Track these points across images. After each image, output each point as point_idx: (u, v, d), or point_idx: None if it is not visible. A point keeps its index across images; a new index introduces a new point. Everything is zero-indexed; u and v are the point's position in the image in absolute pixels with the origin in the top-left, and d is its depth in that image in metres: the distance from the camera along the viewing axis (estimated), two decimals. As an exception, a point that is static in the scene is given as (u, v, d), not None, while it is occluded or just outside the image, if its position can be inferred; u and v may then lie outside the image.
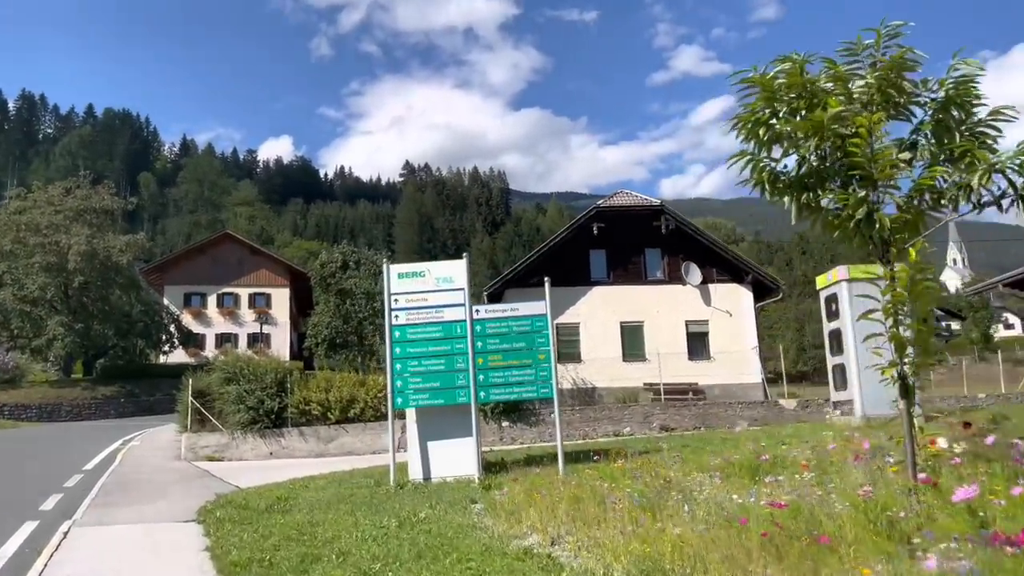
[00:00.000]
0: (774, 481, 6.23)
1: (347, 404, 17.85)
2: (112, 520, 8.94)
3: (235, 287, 56.98)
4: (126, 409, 38.85)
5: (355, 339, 33.16)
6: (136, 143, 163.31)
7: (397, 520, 7.48)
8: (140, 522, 8.81)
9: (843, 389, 14.82)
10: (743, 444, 10.93)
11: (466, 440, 10.34)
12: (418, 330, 10.46)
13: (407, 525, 7.29)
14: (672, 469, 7.75)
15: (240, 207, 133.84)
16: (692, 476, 7.29)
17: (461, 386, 10.27)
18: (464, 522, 7.23)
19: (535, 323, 10.55)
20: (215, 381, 18.43)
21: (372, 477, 11.18)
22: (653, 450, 11.37)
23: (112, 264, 40.92)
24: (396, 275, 10.65)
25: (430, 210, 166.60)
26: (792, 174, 5.76)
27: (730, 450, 9.85)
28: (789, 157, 5.82)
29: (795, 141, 5.49)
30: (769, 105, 5.52)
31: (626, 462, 8.21)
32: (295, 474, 13.01)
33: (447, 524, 7.15)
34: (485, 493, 8.93)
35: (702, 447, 10.85)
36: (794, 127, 5.39)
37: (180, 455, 17.54)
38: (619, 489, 6.88)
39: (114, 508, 10.09)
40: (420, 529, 7.05)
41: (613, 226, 28.38)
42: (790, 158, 5.84)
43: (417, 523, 7.33)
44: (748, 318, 29.04)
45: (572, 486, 7.31)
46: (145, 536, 7.97)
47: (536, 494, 7.39)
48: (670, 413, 19.50)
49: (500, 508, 7.30)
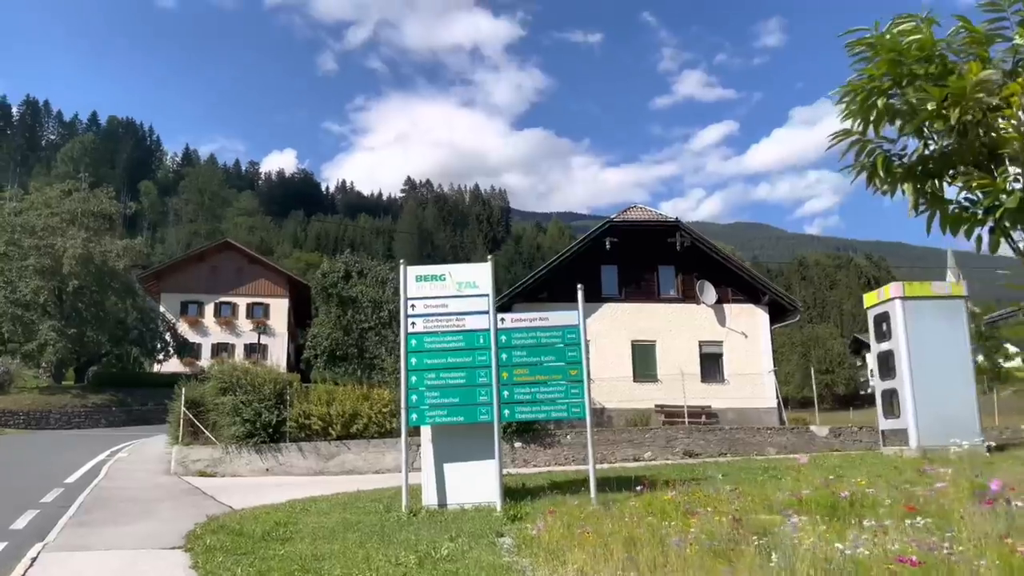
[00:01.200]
0: (877, 526, 5.21)
1: (350, 419, 16.77)
2: (88, 545, 7.89)
3: (233, 296, 55.91)
4: (117, 418, 37.70)
5: (355, 351, 32.05)
6: (139, 152, 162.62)
7: (416, 556, 6.44)
8: (120, 548, 7.76)
9: (893, 416, 13.73)
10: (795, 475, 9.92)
11: (487, 463, 9.30)
12: (436, 339, 9.46)
13: (428, 563, 6.25)
14: (733, 504, 6.73)
15: (240, 218, 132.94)
16: (759, 514, 6.26)
17: (483, 403, 9.25)
18: (494, 562, 6.20)
19: (567, 335, 9.55)
20: (210, 391, 17.37)
21: (380, 501, 10.12)
22: (691, 479, 10.35)
23: (108, 269, 39.90)
24: (414, 278, 9.66)
25: (431, 225, 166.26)
26: (909, 157, 4.82)
27: (784, 481, 8.84)
28: (901, 137, 4.90)
29: (922, 115, 4.53)
30: (892, 71, 4.56)
31: (675, 493, 7.18)
32: (294, 494, 11.95)
33: (475, 564, 6.11)
34: (511, 525, 7.90)
35: (747, 477, 9.83)
36: (927, 97, 4.41)
37: (170, 469, 16.45)
38: (680, 529, 5.85)
39: (92, 529, 9.03)
40: (444, 570, 6.01)
41: (626, 241, 27.44)
42: (902, 139, 4.91)
43: (439, 561, 6.30)
44: (764, 340, 28.06)
45: (623, 522, 6.28)
46: (124, 566, 6.92)
47: (576, 529, 6.37)
48: (694, 438, 18.40)
49: (537, 546, 6.26)
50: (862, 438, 18.73)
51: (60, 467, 16.64)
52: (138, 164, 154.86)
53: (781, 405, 26.00)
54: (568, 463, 16.77)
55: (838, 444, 18.42)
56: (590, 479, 8.94)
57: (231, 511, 10.36)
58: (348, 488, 12.55)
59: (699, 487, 7.70)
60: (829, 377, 58.53)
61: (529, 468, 15.72)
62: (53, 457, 19.96)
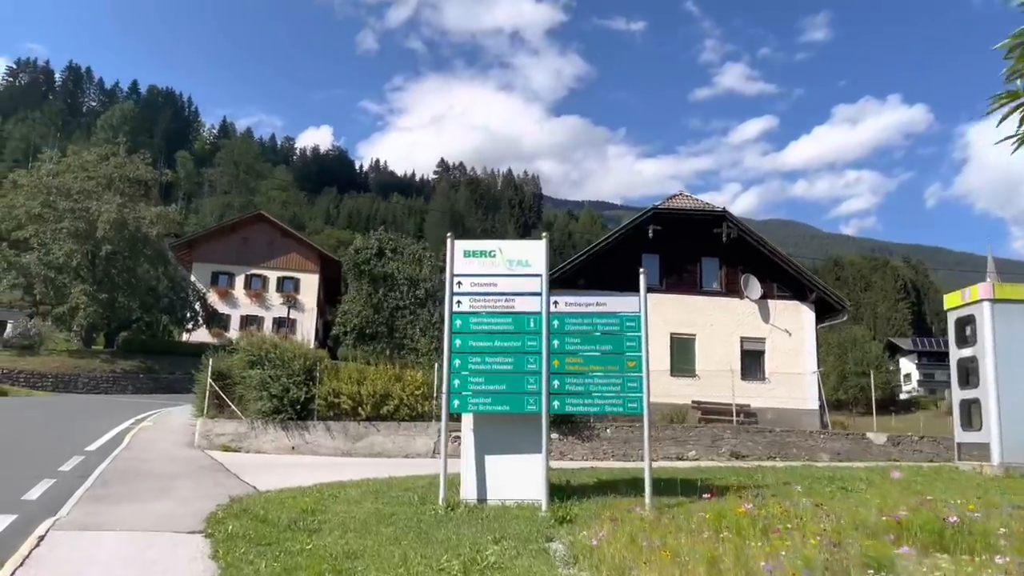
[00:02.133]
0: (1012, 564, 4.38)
1: (380, 400, 16.14)
2: (101, 523, 7.29)
3: (264, 269, 55.67)
4: (144, 385, 37.62)
5: (385, 330, 31.49)
6: (177, 122, 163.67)
7: (459, 561, 5.71)
8: (135, 529, 7.14)
9: (972, 429, 12.73)
10: (867, 487, 9.08)
11: (533, 457, 8.55)
12: (484, 320, 8.70)
13: (474, 571, 5.52)
14: (819, 523, 5.91)
15: (274, 192, 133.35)
16: (855, 537, 5.44)
17: (531, 391, 8.48)
18: (550, 575, 5.46)
19: (625, 323, 8.75)
20: (237, 364, 16.83)
21: (414, 490, 9.43)
22: (753, 485, 9.53)
23: (141, 235, 39.72)
24: (461, 253, 8.90)
25: (463, 208, 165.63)
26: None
27: (860, 495, 8.01)
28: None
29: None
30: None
31: (750, 506, 6.37)
32: (321, 477, 11.32)
33: (528, 575, 5.38)
34: (560, 528, 7.16)
35: (814, 488, 8.99)
36: None
37: (193, 442, 15.96)
38: (767, 552, 5.06)
39: (108, 505, 8.46)
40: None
41: (670, 230, 26.49)
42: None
43: (487, 570, 5.57)
44: (808, 339, 27.03)
45: (698, 539, 5.49)
46: (138, 551, 6.28)
47: (642, 542, 5.61)
48: (742, 439, 17.53)
49: (598, 560, 5.51)
50: (923, 448, 17.73)
51: (82, 433, 16.24)
52: (176, 134, 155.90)
53: (824, 407, 24.96)
54: (607, 458, 16.04)
55: (897, 454, 17.44)
56: (646, 481, 8.17)
57: (255, 492, 9.75)
58: (378, 473, 11.89)
59: (772, 498, 6.90)
60: (865, 380, 57.00)
61: (566, 462, 14.97)
62: (78, 422, 19.62)
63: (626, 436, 16.82)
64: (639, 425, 17.40)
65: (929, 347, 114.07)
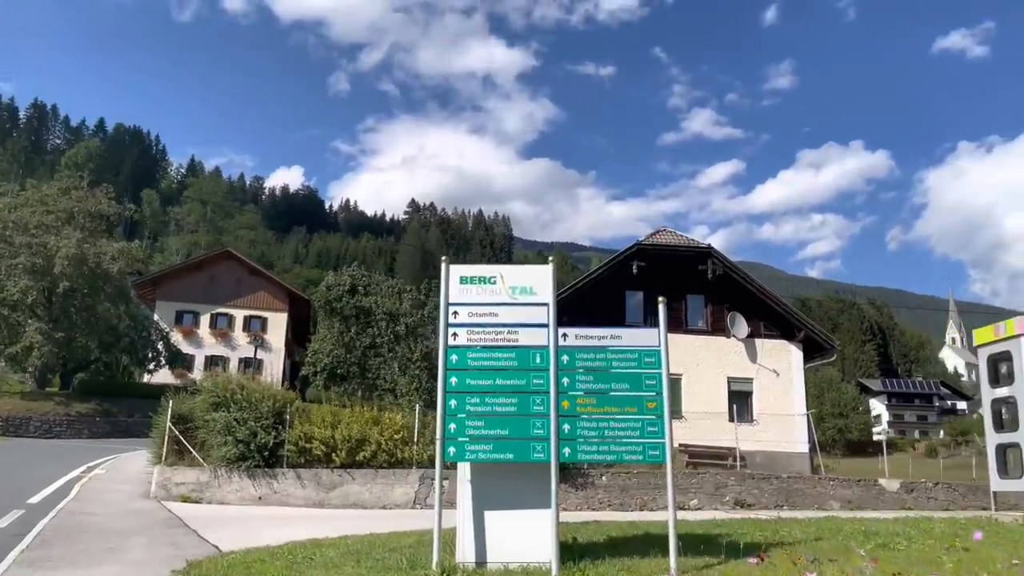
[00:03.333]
0: None
1: (356, 445, 14.89)
2: (29, 600, 6.06)
3: (231, 308, 53.96)
4: (101, 429, 35.65)
5: (357, 370, 30.16)
6: (143, 160, 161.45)
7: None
8: (69, 607, 5.93)
9: (1010, 477, 11.82)
10: (906, 544, 8.10)
11: (540, 513, 7.45)
12: (483, 356, 7.65)
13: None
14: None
15: (242, 231, 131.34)
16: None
17: (538, 436, 7.42)
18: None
19: (643, 358, 7.75)
20: (200, 405, 15.51)
21: (401, 552, 8.26)
22: (780, 542, 8.51)
23: (102, 272, 37.98)
24: (457, 279, 7.87)
25: (433, 247, 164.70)
26: None
27: (906, 551, 7.03)
28: None
29: None
30: None
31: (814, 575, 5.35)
32: (292, 533, 10.08)
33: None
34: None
35: (850, 544, 7.98)
36: None
37: (150, 492, 14.56)
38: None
39: (44, 571, 7.21)
40: None
41: (654, 266, 25.72)
42: None
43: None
44: (797, 379, 26.27)
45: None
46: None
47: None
48: (747, 486, 16.50)
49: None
50: (937, 496, 16.83)
51: (28, 482, 14.79)
52: (142, 173, 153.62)
53: (816, 450, 24.08)
54: (603, 507, 14.91)
55: (911, 502, 16.51)
56: (670, 542, 7.09)
57: (217, 554, 8.50)
58: (355, 528, 10.67)
59: (830, 563, 5.88)
60: (843, 422, 56.51)
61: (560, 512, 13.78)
62: (24, 470, 18.06)
63: (623, 484, 15.71)
64: (637, 472, 16.40)
65: (897, 388, 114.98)
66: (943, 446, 54.21)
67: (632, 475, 15.65)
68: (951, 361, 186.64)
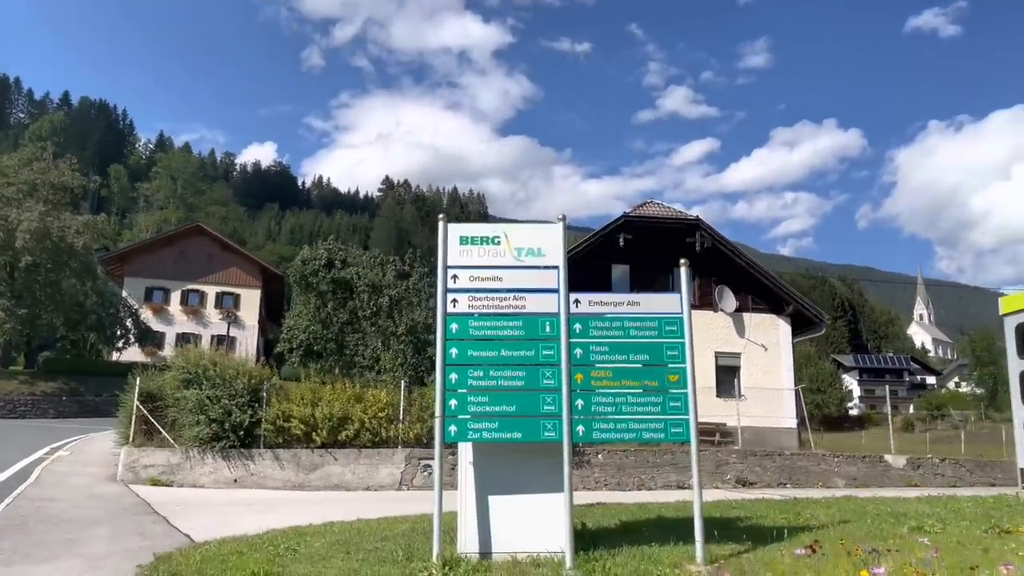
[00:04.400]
0: None
1: (338, 424, 14.07)
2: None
3: (202, 284, 52.60)
4: (67, 409, 34.46)
5: (334, 347, 29.23)
6: (110, 135, 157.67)
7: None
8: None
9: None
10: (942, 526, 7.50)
11: (551, 498, 6.71)
12: (486, 324, 6.86)
13: None
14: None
15: (213, 207, 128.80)
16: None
17: (549, 413, 6.66)
18: None
19: (664, 326, 7.02)
20: (170, 383, 14.58)
21: (394, 541, 7.49)
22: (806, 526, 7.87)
23: (66, 246, 36.57)
24: (457, 239, 7.05)
25: (408, 225, 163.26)
26: None
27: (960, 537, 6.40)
28: None
29: None
30: None
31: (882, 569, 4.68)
32: (272, 519, 9.28)
33: None
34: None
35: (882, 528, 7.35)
36: None
37: (116, 475, 13.66)
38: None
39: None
40: None
41: (641, 239, 25.06)
42: None
43: None
44: (785, 354, 25.87)
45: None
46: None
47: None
48: (748, 463, 15.93)
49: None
50: (944, 472, 16.40)
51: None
52: (109, 148, 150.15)
53: (807, 425, 23.66)
54: (599, 487, 14.26)
55: (918, 478, 16.06)
56: (696, 528, 6.40)
57: (189, 545, 7.69)
58: (341, 513, 9.89)
59: (889, 553, 5.21)
60: (820, 397, 56.58)
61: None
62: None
63: (620, 463, 15.06)
64: (634, 449, 15.76)
65: (869, 363, 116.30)
66: (919, 420, 54.43)
67: (630, 453, 15.01)
68: (919, 337, 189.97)
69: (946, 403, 62.80)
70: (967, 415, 52.63)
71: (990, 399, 61.60)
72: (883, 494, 11.73)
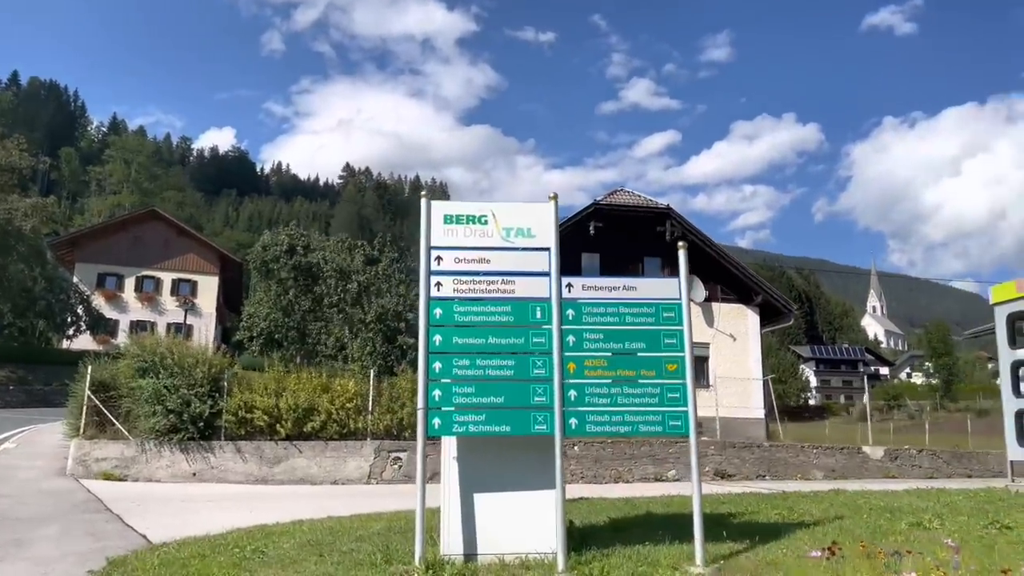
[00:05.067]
0: None
1: (304, 415, 13.48)
2: None
3: (158, 271, 51.11)
4: (15, 398, 33.18)
5: (296, 335, 28.49)
6: (61, 116, 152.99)
7: None
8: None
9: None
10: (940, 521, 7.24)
11: (541, 496, 6.29)
12: (473, 309, 6.39)
13: None
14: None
15: (169, 192, 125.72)
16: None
17: (540, 406, 6.22)
18: None
19: (662, 312, 6.62)
20: (125, 371, 13.86)
21: (370, 541, 7.01)
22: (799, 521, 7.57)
23: (13, 229, 35.16)
24: (441, 218, 6.55)
25: (370, 213, 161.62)
26: None
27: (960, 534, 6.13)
28: None
29: None
30: None
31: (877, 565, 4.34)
32: (235, 517, 8.71)
33: None
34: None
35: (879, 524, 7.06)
36: None
37: (66, 469, 12.91)
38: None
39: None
40: None
41: (611, 227, 24.78)
42: None
43: None
44: (753, 344, 25.86)
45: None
46: None
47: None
48: (727, 455, 15.68)
49: None
50: (922, 463, 16.34)
51: (-78, 460, 13.01)
52: (60, 130, 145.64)
53: (776, 415, 23.62)
54: (576, 480, 13.87)
55: (895, 469, 15.97)
56: (695, 527, 6.02)
57: (145, 547, 7.10)
58: (308, 508, 9.35)
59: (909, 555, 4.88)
60: (782, 387, 57.09)
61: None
62: (-80, 445, 16.13)
63: (597, 455, 14.71)
64: (612, 441, 15.39)
65: (825, 354, 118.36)
66: (876, 410, 55.25)
67: (607, 444, 14.66)
68: (872, 328, 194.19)
69: (902, 393, 63.89)
70: (923, 405, 53.53)
71: (945, 389, 62.82)
72: (867, 487, 11.53)
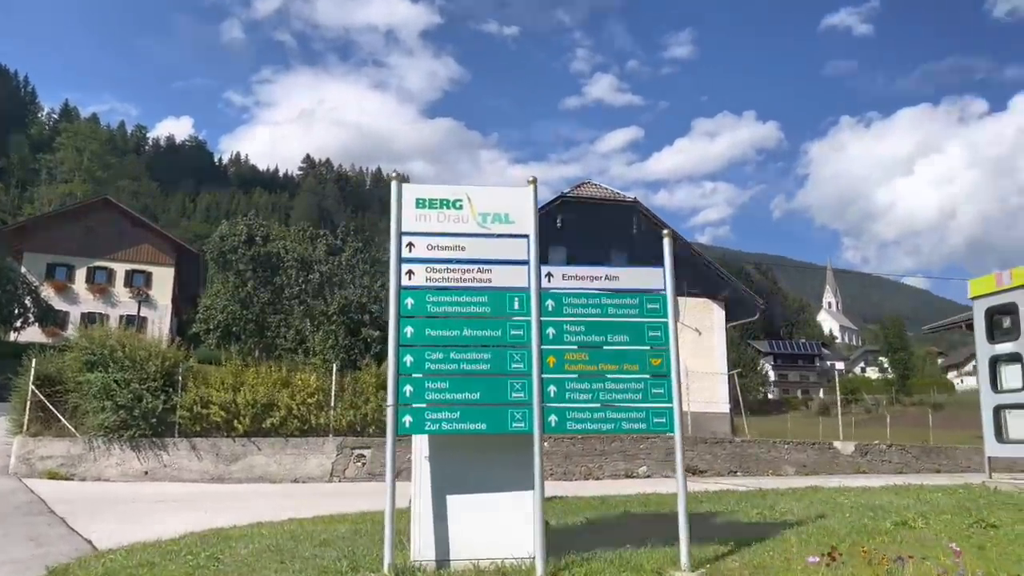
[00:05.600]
0: None
1: (263, 410, 12.98)
2: None
3: (110, 261, 49.58)
4: (-43, 393, 31.85)
5: (254, 327, 27.76)
6: (10, 103, 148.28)
7: None
8: None
9: (1009, 441, 11.01)
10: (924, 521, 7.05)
11: (518, 497, 5.92)
12: (446, 300, 6.00)
13: None
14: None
15: (124, 182, 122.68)
16: None
17: (517, 402, 5.85)
18: None
19: (646, 304, 6.30)
20: (72, 365, 13.20)
21: (334, 546, 6.59)
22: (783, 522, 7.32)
23: (-43, 217, 33.77)
24: (414, 202, 6.14)
25: (331, 205, 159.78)
26: None
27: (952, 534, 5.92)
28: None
29: None
30: None
31: None
32: (190, 519, 8.20)
33: None
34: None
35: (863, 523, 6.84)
36: None
37: (8, 467, 12.23)
38: None
39: None
40: None
41: (578, 220, 24.56)
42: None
43: None
44: (719, 338, 25.87)
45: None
46: None
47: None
48: (699, 451, 15.47)
49: None
50: (891, 458, 16.34)
51: None
52: (8, 116, 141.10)
53: (742, 410, 23.59)
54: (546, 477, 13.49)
55: (866, 465, 15.94)
56: (680, 530, 5.72)
57: (91, 553, 6.60)
58: (268, 509, 8.87)
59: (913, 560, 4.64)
60: (743, 382, 57.55)
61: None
62: None
63: (567, 451, 14.42)
64: (582, 438, 15.09)
65: (782, 349, 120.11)
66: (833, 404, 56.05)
67: (577, 441, 14.38)
68: (827, 324, 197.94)
69: (859, 388, 64.87)
70: (879, 399, 54.43)
71: (901, 384, 63.98)
72: (842, 483, 11.40)
